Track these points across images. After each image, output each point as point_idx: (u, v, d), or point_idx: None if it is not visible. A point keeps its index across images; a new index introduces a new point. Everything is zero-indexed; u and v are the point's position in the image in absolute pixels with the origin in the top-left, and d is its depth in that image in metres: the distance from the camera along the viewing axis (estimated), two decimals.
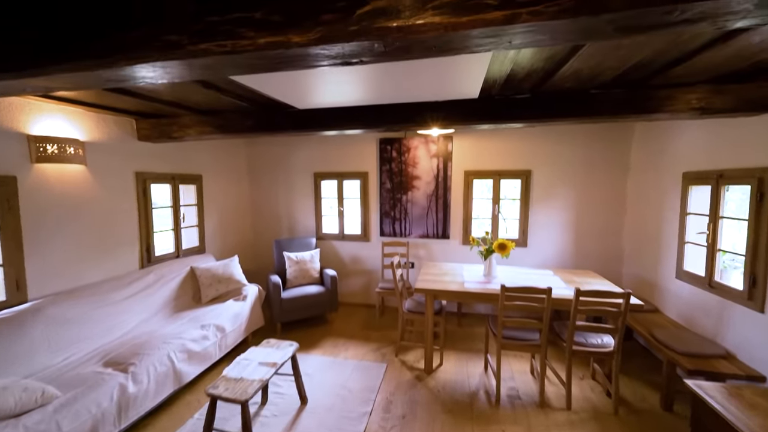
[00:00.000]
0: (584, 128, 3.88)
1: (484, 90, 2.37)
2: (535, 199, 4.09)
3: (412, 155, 4.33)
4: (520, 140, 4.05)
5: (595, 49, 1.66)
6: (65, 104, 2.68)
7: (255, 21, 1.03)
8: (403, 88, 2.27)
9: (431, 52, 1.06)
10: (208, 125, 3.12)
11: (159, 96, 2.61)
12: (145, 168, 3.37)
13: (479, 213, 4.41)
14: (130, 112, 3.10)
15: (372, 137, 4.44)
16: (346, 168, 4.59)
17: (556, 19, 0.87)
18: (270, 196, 4.91)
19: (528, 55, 1.77)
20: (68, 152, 2.62)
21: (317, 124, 2.86)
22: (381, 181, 4.47)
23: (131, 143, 3.24)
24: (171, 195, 3.66)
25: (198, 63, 1.13)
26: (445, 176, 4.28)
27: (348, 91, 2.33)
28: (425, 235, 4.42)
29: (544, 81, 2.19)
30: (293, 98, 2.51)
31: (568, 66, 1.89)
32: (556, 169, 4.00)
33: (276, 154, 4.81)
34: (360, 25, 0.96)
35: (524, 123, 2.57)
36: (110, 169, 3.04)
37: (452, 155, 4.24)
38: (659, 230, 3.26)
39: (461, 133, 4.19)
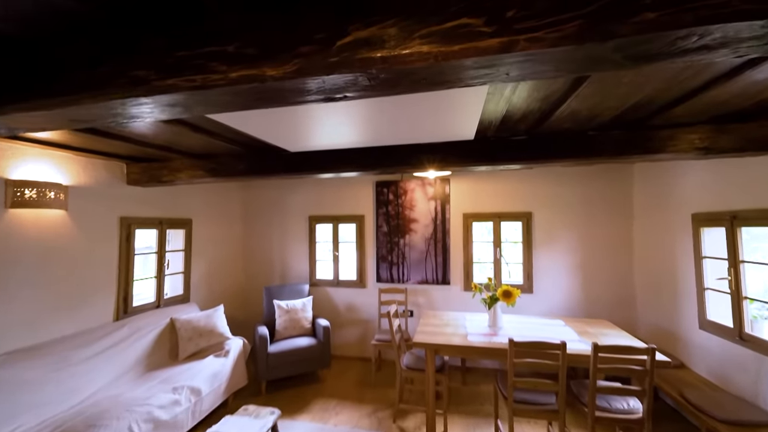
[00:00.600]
0: (583, 169, 3.83)
1: (480, 131, 2.32)
2: (537, 242, 3.93)
3: (409, 198, 4.24)
4: (519, 182, 3.99)
5: (593, 88, 1.61)
6: (52, 149, 2.62)
7: (228, 55, 0.95)
8: (398, 130, 2.21)
9: (420, 85, 0.96)
10: (200, 169, 3.05)
11: (149, 140, 2.55)
12: (132, 213, 3.24)
13: (480, 257, 4.22)
14: (121, 156, 3.05)
15: (368, 180, 4.39)
16: (341, 211, 4.48)
17: (557, 46, 0.77)
18: (263, 240, 4.75)
19: (524, 95, 1.72)
20: (48, 197, 2.51)
21: (310, 167, 2.79)
22: (377, 224, 4.33)
23: (119, 187, 3.15)
24: (157, 240, 3.50)
25: (166, 100, 1.03)
26: (443, 219, 4.15)
27: (341, 133, 2.28)
28: (424, 281, 4.18)
29: (540, 122, 2.13)
30: (285, 141, 2.46)
31: (565, 106, 1.84)
32: (557, 211, 3.88)
33: (271, 198, 4.73)
34: (340, 57, 0.87)
35: (521, 164, 2.49)
36: (93, 214, 2.91)
37: (450, 197, 4.15)
38: (674, 275, 3.05)
39: (458, 176, 4.14)
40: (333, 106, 1.78)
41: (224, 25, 0.96)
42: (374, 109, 1.80)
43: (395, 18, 0.84)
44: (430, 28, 0.82)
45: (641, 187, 3.57)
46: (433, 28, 0.82)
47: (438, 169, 2.71)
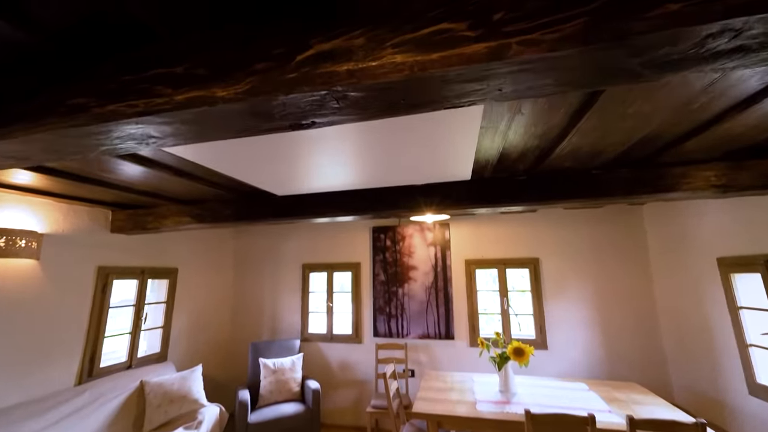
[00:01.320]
0: (589, 212, 3.65)
1: (477, 171, 2.19)
2: (547, 291, 3.62)
3: (407, 244, 4.04)
4: (523, 226, 3.79)
5: (595, 122, 1.48)
6: (32, 195, 2.51)
7: (175, 76, 0.82)
8: (389, 170, 2.09)
9: (399, 107, 0.82)
10: (186, 215, 2.91)
11: (133, 185, 2.44)
12: (111, 262, 3.05)
13: (486, 307, 3.88)
14: (106, 203, 2.94)
15: (364, 225, 4.23)
16: (336, 258, 4.25)
17: (557, 50, 0.63)
18: (254, 290, 4.47)
19: (520, 131, 1.60)
20: (17, 246, 2.34)
21: (300, 212, 2.64)
22: (374, 272, 4.07)
23: (101, 235, 3.00)
24: (136, 292, 3.25)
25: (103, 129, 0.89)
26: (444, 266, 3.90)
27: (330, 175, 2.15)
28: (426, 335, 3.80)
29: (540, 160, 2.00)
30: (271, 184, 2.33)
31: (566, 143, 1.71)
32: (566, 258, 3.63)
33: (264, 245, 4.54)
34: (300, 72, 0.74)
35: (523, 206, 2.32)
36: (68, 263, 2.72)
37: (450, 243, 3.94)
38: (706, 329, 2.71)
39: (458, 220, 3.97)
40: (318, 145, 1.66)
41: (176, 46, 0.85)
42: (363, 146, 1.68)
43: (363, 28, 0.72)
44: (404, 36, 0.69)
45: (654, 229, 3.36)
46: (407, 36, 0.69)
47: (435, 212, 2.55)
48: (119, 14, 0.80)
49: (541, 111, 1.39)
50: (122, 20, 0.82)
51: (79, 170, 2.08)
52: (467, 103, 0.81)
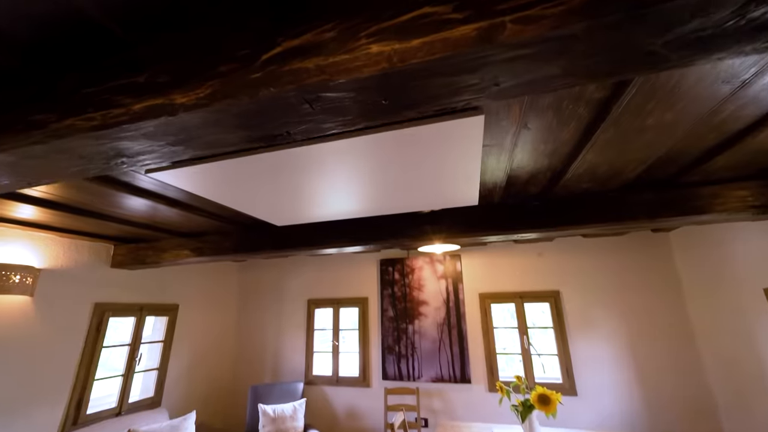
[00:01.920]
0: (611, 241, 3.41)
1: (485, 196, 2.06)
2: (572, 328, 3.30)
3: (416, 277, 3.83)
4: (540, 256, 3.56)
5: (611, 135, 1.35)
6: (33, 230, 2.49)
7: (137, 86, 0.74)
8: (391, 197, 1.97)
9: (381, 110, 0.71)
10: (185, 248, 2.84)
11: (134, 218, 2.40)
12: (109, 298, 2.95)
13: (505, 346, 3.56)
14: (109, 237, 2.91)
15: (372, 258, 4.07)
16: (343, 293, 4.06)
17: (562, 26, 0.52)
18: (257, 328, 4.26)
19: (528, 148, 1.48)
20: (11, 282, 2.28)
21: (300, 242, 2.52)
22: (382, 307, 3.84)
23: (101, 271, 2.93)
24: (132, 330, 3.12)
25: (62, 146, 0.81)
26: (457, 300, 3.64)
27: (329, 203, 2.05)
28: (439, 378, 3.47)
29: (553, 182, 1.86)
30: (269, 214, 2.24)
31: (579, 161, 1.58)
32: (589, 290, 3.34)
33: (269, 280, 4.40)
34: (265, 71, 0.65)
35: (537, 233, 2.14)
36: (63, 300, 2.64)
37: (462, 276, 3.71)
38: (764, 369, 2.35)
39: (469, 251, 3.77)
40: (316, 170, 1.58)
41: (142, 53, 0.79)
42: (363, 171, 1.58)
43: (335, 21, 0.64)
44: (380, 25, 0.60)
45: (685, 258, 3.08)
46: (384, 24, 0.60)
47: (443, 241, 2.39)
48: (81, 20, 0.75)
49: (549, 126, 1.28)
50: (86, 27, 0.77)
51: (83, 203, 2.06)
52: (461, 103, 0.70)
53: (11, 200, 1.95)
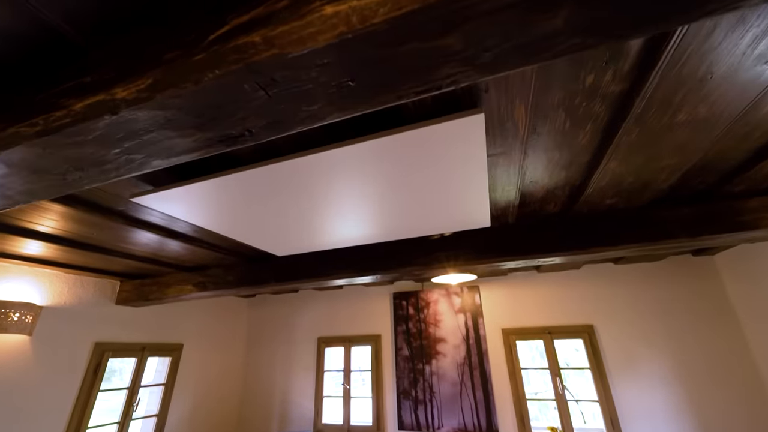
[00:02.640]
0: (644, 267, 3.08)
1: (498, 217, 1.88)
2: (612, 368, 2.89)
3: (432, 311, 3.56)
4: (568, 286, 3.25)
5: (636, 138, 1.19)
6: (41, 266, 2.48)
7: (83, 86, 0.67)
8: (396, 221, 1.83)
9: (351, 94, 0.60)
10: (188, 283, 2.75)
11: (135, 252, 2.36)
12: (111, 337, 2.85)
13: (537, 389, 3.16)
14: (115, 273, 2.87)
15: (384, 292, 3.84)
16: (354, 330, 3.81)
17: None
18: (265, 369, 4.02)
19: (541, 159, 1.32)
20: (11, 320, 2.22)
21: (303, 274, 2.38)
22: (397, 346, 3.55)
23: (104, 308, 2.87)
24: (133, 372, 2.97)
25: (10, 159, 0.73)
26: (477, 337, 3.32)
27: (329, 228, 1.93)
28: (462, 429, 3.07)
29: (573, 198, 1.68)
30: (266, 242, 2.12)
31: (601, 171, 1.40)
32: (627, 324, 2.97)
33: (279, 317, 4.22)
34: (209, 52, 0.55)
35: (560, 257, 1.91)
36: (63, 339, 2.55)
37: (482, 309, 3.42)
38: None
39: (488, 282, 3.50)
40: (306, 189, 1.47)
41: (95, 56, 0.72)
42: (354, 186, 1.46)
43: None
44: None
45: (737, 283, 2.70)
46: None
47: (456, 269, 2.18)
48: (39, 30, 0.70)
49: (562, 129, 1.14)
50: (44, 37, 0.72)
51: (90, 238, 2.03)
52: (447, 81, 0.58)
53: (17, 235, 1.94)
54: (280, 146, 1.19)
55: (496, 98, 0.96)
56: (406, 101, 0.68)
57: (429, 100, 0.98)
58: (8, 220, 1.75)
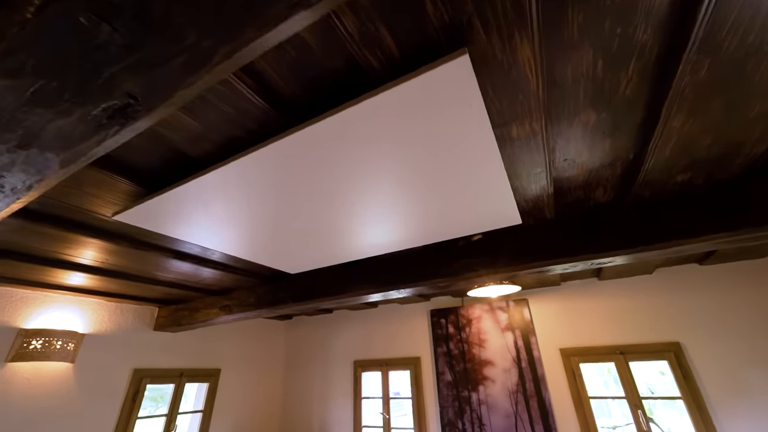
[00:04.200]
0: (738, 267, 2.43)
1: (530, 212, 1.55)
2: (713, 396, 2.26)
3: (475, 330, 3.16)
4: (640, 295, 2.68)
5: (709, 74, 0.84)
6: (84, 295, 2.61)
7: None
8: (406, 220, 1.59)
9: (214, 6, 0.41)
10: (215, 307, 2.72)
11: (171, 280, 2.38)
12: (149, 363, 2.90)
13: (615, 421, 2.58)
14: (153, 299, 2.95)
15: (421, 309, 3.53)
16: (391, 352, 3.52)
17: None
18: (303, 395, 3.86)
19: (571, 125, 1.02)
20: (53, 348, 2.33)
21: (319, 292, 2.20)
22: (438, 370, 3.19)
23: (143, 334, 2.94)
24: (171, 398, 2.98)
25: None
26: (531, 359, 2.85)
27: (336, 237, 1.74)
28: None
29: (628, 178, 1.31)
30: (274, 258, 1.99)
31: (661, 134, 1.04)
32: (725, 340, 2.33)
33: (315, 339, 4.08)
34: None
35: (616, 256, 1.50)
36: (103, 366, 2.63)
37: (534, 326, 2.95)
38: None
39: (538, 294, 3.04)
40: (317, 201, 1.31)
41: None
42: (364, 194, 1.27)
43: None
44: None
45: None
46: None
47: (491, 279, 1.85)
48: None
49: (592, 74, 0.84)
50: None
51: (131, 269, 2.10)
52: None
53: (62, 269, 2.03)
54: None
55: (486, 35, 0.71)
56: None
57: (397, 56, 0.76)
58: (52, 254, 1.83)
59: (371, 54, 0.75)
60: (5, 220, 1.41)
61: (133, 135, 0.62)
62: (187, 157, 1.08)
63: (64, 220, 1.46)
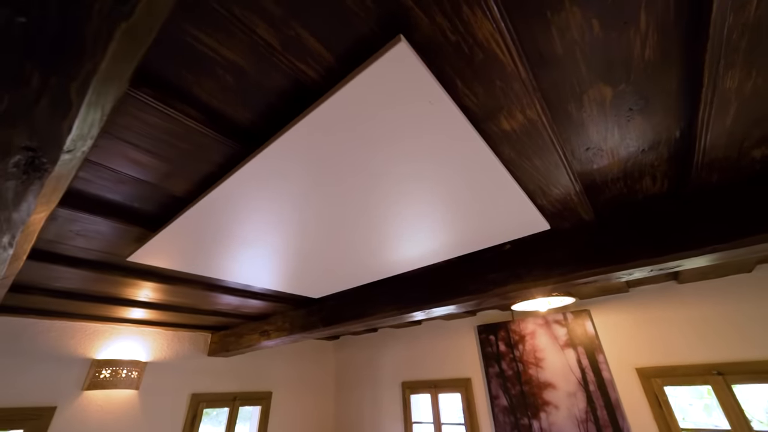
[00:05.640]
0: None
1: (559, 214, 1.31)
2: None
3: (529, 347, 2.82)
4: (737, 298, 2.16)
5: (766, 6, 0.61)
6: (144, 326, 2.87)
7: None
8: (407, 234, 1.45)
9: None
10: (255, 332, 2.79)
11: (200, 307, 2.51)
12: (205, 388, 3.06)
13: None
14: (206, 327, 3.14)
15: (467, 325, 3.27)
16: (440, 373, 3.29)
17: None
18: (354, 418, 3.78)
19: (586, 108, 0.82)
20: (121, 376, 2.56)
21: (347, 315, 2.12)
22: (491, 393, 2.89)
23: (198, 360, 3.13)
24: (226, 421, 3.10)
25: None
26: (600, 381, 2.43)
27: (344, 257, 1.65)
28: None
29: (682, 161, 1.03)
30: (292, 284, 1.95)
31: (712, 99, 0.79)
32: None
33: (363, 359, 4.00)
34: None
35: (685, 259, 1.17)
36: (164, 392, 2.83)
37: (600, 341, 2.53)
38: None
39: (601, 303, 2.62)
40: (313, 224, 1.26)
41: None
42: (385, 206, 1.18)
43: None
44: None
45: None
46: None
47: (539, 291, 1.61)
48: None
49: (588, 38, 0.65)
50: None
51: (186, 303, 2.28)
52: None
53: (127, 306, 2.25)
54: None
55: (426, 16, 0.58)
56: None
57: (332, 62, 0.66)
58: (119, 294, 2.03)
59: (303, 64, 0.66)
60: (72, 270, 1.58)
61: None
62: (172, 195, 1.08)
63: (116, 266, 1.60)
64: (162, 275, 1.75)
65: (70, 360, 2.44)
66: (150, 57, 0.65)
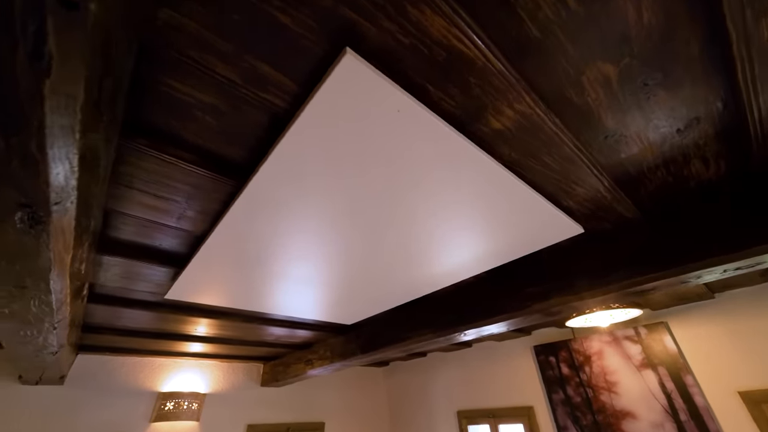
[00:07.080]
0: None
1: (596, 214, 1.14)
2: None
3: (597, 369, 2.47)
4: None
5: None
6: (203, 359, 3.05)
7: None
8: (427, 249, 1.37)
9: None
10: (301, 361, 2.81)
11: (246, 339, 2.61)
12: (260, 419, 3.13)
13: None
14: (258, 357, 3.26)
15: (522, 346, 2.98)
16: (497, 401, 3.01)
17: None
18: None
19: (594, 91, 0.72)
20: (183, 408, 2.72)
21: (383, 340, 2.04)
22: (558, 423, 2.55)
23: (252, 390, 3.22)
24: None
25: None
26: (693, 408, 2.03)
27: (377, 286, 1.60)
28: None
29: (737, 137, 0.85)
30: (326, 311, 1.94)
31: (748, 59, 0.65)
32: None
33: (415, 386, 3.83)
34: None
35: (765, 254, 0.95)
36: (222, 423, 2.93)
37: (685, 360, 2.14)
38: None
39: (684, 314, 2.23)
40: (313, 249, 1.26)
41: None
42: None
43: None
44: None
45: None
46: None
47: (594, 304, 1.41)
48: None
49: (564, 10, 0.58)
50: None
51: (233, 335, 2.42)
52: None
53: (184, 340, 2.44)
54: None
55: (369, 22, 0.56)
56: None
57: (294, 88, 0.66)
58: (175, 329, 2.22)
59: (268, 94, 0.67)
60: (128, 310, 1.76)
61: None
62: (192, 233, 1.15)
63: (161, 304, 1.75)
64: (202, 309, 1.86)
65: (139, 393, 2.65)
66: (137, 108, 0.70)
